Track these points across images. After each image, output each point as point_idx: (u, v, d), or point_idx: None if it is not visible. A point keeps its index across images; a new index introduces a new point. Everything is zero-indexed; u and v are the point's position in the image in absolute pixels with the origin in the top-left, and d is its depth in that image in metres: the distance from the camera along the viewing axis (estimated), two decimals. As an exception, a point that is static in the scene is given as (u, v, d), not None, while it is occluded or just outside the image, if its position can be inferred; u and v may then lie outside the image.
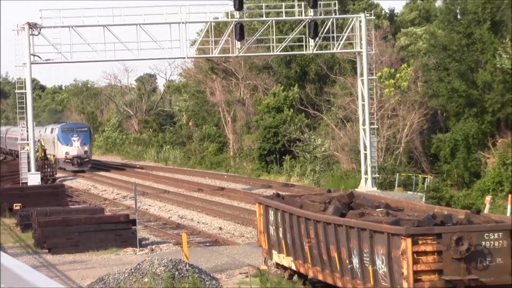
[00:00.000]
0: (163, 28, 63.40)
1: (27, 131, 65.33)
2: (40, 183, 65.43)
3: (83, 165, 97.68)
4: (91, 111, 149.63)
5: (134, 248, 44.15)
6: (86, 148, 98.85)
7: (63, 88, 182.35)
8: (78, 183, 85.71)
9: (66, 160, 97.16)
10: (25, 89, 63.77)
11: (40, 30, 61.62)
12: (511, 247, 26.99)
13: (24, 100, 64.03)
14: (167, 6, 63.07)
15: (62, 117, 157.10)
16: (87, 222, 46.12)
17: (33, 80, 78.17)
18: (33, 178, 64.28)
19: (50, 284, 8.94)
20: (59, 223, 45.57)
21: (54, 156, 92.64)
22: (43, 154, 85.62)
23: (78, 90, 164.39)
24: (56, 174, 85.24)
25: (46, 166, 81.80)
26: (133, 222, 45.98)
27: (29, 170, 64.95)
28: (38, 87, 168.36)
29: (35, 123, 70.16)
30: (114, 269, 34.71)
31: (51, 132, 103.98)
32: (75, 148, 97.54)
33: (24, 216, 51.23)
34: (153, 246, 45.64)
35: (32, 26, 61.42)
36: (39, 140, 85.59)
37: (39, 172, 67.55)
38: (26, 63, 62.29)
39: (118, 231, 45.68)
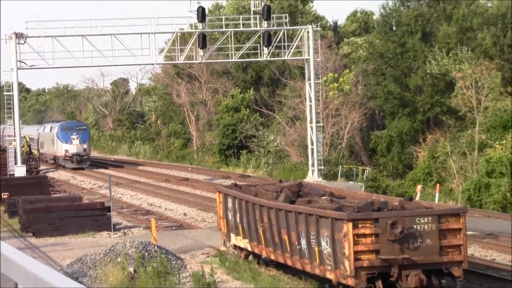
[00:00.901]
0: (135, 37, 63.35)
1: (14, 129, 65.10)
2: (25, 175, 65.25)
3: (82, 162, 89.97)
4: (71, 111, 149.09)
5: (109, 232, 44.02)
6: (85, 146, 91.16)
7: (46, 90, 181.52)
8: (59, 175, 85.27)
9: (66, 158, 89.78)
10: (12, 92, 63.61)
11: (25, 39, 61.45)
12: (439, 230, 27.17)
13: (12, 102, 63.82)
14: (138, 18, 63.40)
15: (46, 116, 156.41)
16: (67, 209, 46.01)
17: (20, 84, 77.28)
18: (19, 170, 64.13)
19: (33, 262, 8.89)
20: (42, 210, 45.42)
21: (54, 153, 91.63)
22: (28, 149, 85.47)
23: (59, 93, 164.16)
24: (39, 166, 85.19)
25: (30, 160, 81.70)
26: (108, 209, 45.88)
27: (15, 163, 64.72)
28: (24, 90, 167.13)
29: (21, 121, 70.08)
30: (91, 250, 34.68)
31: (50, 130, 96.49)
32: (74, 146, 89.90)
33: (11, 204, 50.96)
34: (126, 230, 45.56)
35: (18, 36, 61.31)
36: (24, 137, 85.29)
37: (25, 165, 67.34)
38: (13, 69, 62.16)
39: (95, 217, 45.57)
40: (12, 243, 38.25)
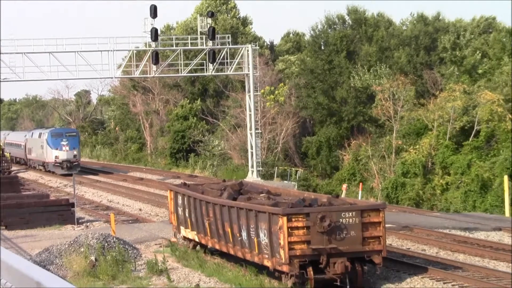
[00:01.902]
0: (96, 54, 62.99)
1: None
2: (-2, 175, 64.70)
3: (72, 168, 79.78)
4: (39, 119, 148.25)
5: (73, 225, 43.74)
6: (75, 152, 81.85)
7: (17, 100, 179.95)
8: (29, 175, 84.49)
9: (56, 164, 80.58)
10: (-14, 102, 63.12)
11: (-1, 55, 60.95)
12: (361, 223, 27.32)
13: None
14: (99, 38, 62.81)
15: (17, 123, 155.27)
16: (35, 205, 45.67)
17: None
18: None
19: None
20: (14, 205, 45.07)
21: (43, 160, 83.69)
22: (1, 152, 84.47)
23: (29, 103, 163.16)
24: (11, 168, 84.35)
25: (3, 162, 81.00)
26: (72, 205, 45.62)
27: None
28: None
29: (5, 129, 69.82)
30: (57, 241, 34.41)
31: (39, 136, 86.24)
32: (64, 152, 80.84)
33: (-14, 201, 50.50)
34: (88, 224, 45.29)
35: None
36: None
37: (-3, 167, 66.79)
38: (-12, 81, 61.71)
39: (60, 212, 45.28)
40: (-14, 235, 37.86)
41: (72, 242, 32.71)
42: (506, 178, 50.70)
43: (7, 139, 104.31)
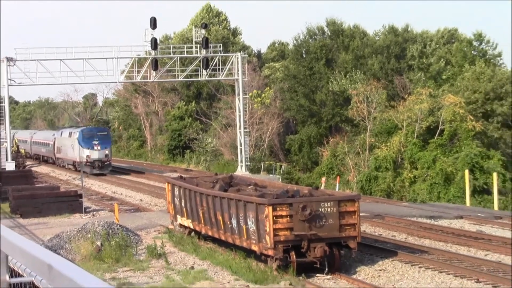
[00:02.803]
0: (101, 61, 62.94)
1: (5, 133, 64.22)
2: (14, 169, 64.45)
3: (104, 168, 71.86)
4: (50, 119, 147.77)
5: (81, 214, 43.65)
6: (106, 152, 72.35)
7: (31, 102, 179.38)
8: (42, 169, 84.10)
9: (87, 164, 71.20)
10: (3, 104, 62.74)
11: (15, 62, 60.71)
12: (339, 212, 27.36)
13: (3, 112, 62.91)
14: (104, 46, 62.93)
15: (31, 123, 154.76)
16: (47, 195, 45.63)
17: (10, 97, 74.59)
18: (10, 165, 63.21)
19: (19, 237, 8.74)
20: (28, 196, 45.02)
21: (74, 159, 74.18)
22: (17, 149, 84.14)
23: (41, 104, 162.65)
24: (25, 162, 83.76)
25: (18, 157, 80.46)
26: (80, 195, 45.57)
27: (6, 160, 63.85)
28: (13, 102, 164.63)
29: (11, 127, 69.49)
30: (67, 229, 34.37)
31: (70, 135, 76.68)
32: (96, 151, 71.52)
33: (3, 192, 50.27)
34: (94, 213, 45.19)
35: (9, 59, 60.64)
36: (14, 139, 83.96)
37: (14, 161, 66.45)
38: (5, 86, 61.53)
39: (70, 202, 45.22)
40: (3, 223, 37.75)
41: (80, 229, 32.68)
42: (467, 172, 50.84)
43: (34, 137, 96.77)
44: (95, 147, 71.49)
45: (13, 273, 4.01)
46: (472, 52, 73.89)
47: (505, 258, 29.10)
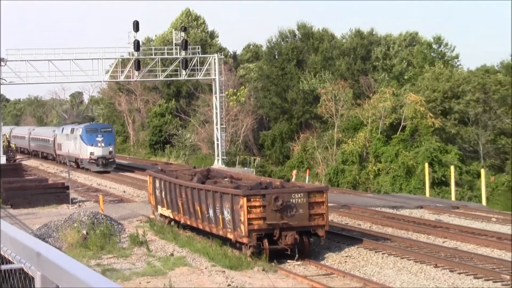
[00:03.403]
0: (87, 61, 62.41)
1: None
2: (5, 162, 64.03)
3: (108, 165, 65.97)
4: (39, 116, 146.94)
5: (68, 205, 43.44)
6: (110, 149, 66.35)
7: (21, 100, 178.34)
8: (31, 163, 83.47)
9: (91, 161, 65.65)
10: (-5, 101, 62.43)
11: (6, 62, 60.23)
12: (308, 202, 27.44)
13: (-4, 109, 62.54)
14: (90, 48, 62.66)
15: (21, 119, 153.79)
16: (37, 187, 45.38)
17: (1, 95, 73.13)
18: (1, 159, 62.80)
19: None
20: (18, 188, 44.76)
21: (77, 156, 68.36)
22: (8, 143, 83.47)
23: (31, 102, 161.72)
24: (16, 156, 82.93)
25: (9, 151, 79.82)
26: (67, 187, 45.34)
27: (-2, 154, 63.43)
28: (4, 100, 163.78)
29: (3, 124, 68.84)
30: (54, 218, 34.23)
31: (72, 132, 70.30)
32: (100, 148, 65.60)
33: (-6, 184, 50.10)
34: (80, 203, 44.99)
35: (0, 60, 60.21)
36: (4, 135, 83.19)
37: (5, 155, 66.02)
38: (-3, 85, 61.24)
39: (57, 193, 45.00)
40: (-5, 213, 37.58)
41: (67, 219, 32.56)
42: (426, 165, 51.13)
43: (32, 134, 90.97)
44: (99, 144, 65.85)
45: (3, 260, 4.03)
46: (432, 54, 74.30)
47: (461, 245, 29.35)
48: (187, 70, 63.51)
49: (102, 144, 65.64)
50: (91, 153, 65.65)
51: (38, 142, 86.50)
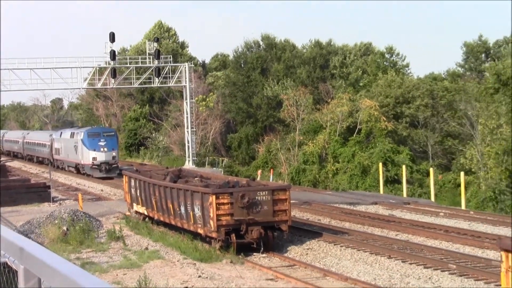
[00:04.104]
0: (67, 70, 61.80)
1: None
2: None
3: (111, 171, 58.95)
4: (22, 120, 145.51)
5: (49, 203, 43.08)
6: (114, 154, 59.51)
7: (5, 106, 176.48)
8: (14, 164, 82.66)
9: (93, 166, 58.89)
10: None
11: (-10, 71, 59.65)
12: (272, 199, 27.49)
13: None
14: (69, 57, 62.06)
15: (4, 124, 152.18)
16: (20, 187, 45.02)
17: None
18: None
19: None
20: (3, 187, 44.31)
21: (77, 161, 61.69)
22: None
23: (14, 108, 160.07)
24: (0, 158, 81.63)
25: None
26: (48, 187, 45.01)
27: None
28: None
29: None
30: (37, 215, 33.94)
31: (71, 136, 63.36)
32: (102, 153, 58.89)
33: (-20, 185, 49.51)
34: (61, 201, 44.67)
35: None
36: None
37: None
38: (-18, 92, 60.52)
39: (39, 192, 44.66)
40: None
41: (48, 216, 32.30)
42: (380, 165, 51.45)
43: (27, 138, 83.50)
44: (102, 149, 59.04)
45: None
46: (385, 63, 74.78)
47: (412, 238, 29.56)
48: (159, 78, 63.27)
49: (105, 149, 59.13)
50: (94, 158, 59.08)
51: (33, 147, 79.59)
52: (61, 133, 68.22)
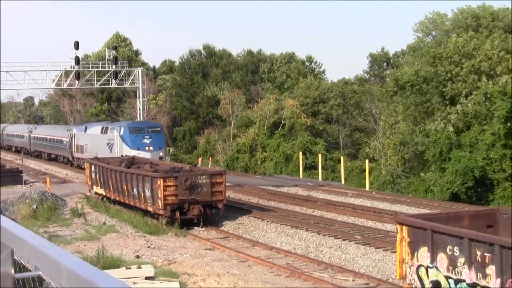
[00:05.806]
0: (37, 72, 60.35)
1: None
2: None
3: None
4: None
5: (21, 185, 42.17)
6: (161, 153, 42.66)
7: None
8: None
9: None
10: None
11: (-31, 72, 57.80)
12: (211, 182, 27.56)
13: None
14: (40, 62, 60.70)
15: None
16: (-5, 172, 44.05)
17: None
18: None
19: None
20: (-20, 173, 43.29)
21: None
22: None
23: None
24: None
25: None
26: (21, 172, 44.09)
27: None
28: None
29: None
30: (10, 196, 33.25)
31: (103, 131, 46.89)
32: (148, 153, 41.49)
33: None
34: (31, 184, 43.74)
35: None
36: None
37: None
38: (-39, 89, 58.62)
39: (13, 176, 43.68)
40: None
41: (20, 196, 31.71)
42: (300, 153, 51.97)
43: (34, 132, 67.48)
44: (147, 148, 42.23)
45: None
46: (305, 69, 75.48)
47: (326, 214, 30.01)
48: (117, 80, 62.42)
49: (151, 148, 42.36)
50: None
51: (45, 142, 63.04)
52: (86, 127, 52.07)
